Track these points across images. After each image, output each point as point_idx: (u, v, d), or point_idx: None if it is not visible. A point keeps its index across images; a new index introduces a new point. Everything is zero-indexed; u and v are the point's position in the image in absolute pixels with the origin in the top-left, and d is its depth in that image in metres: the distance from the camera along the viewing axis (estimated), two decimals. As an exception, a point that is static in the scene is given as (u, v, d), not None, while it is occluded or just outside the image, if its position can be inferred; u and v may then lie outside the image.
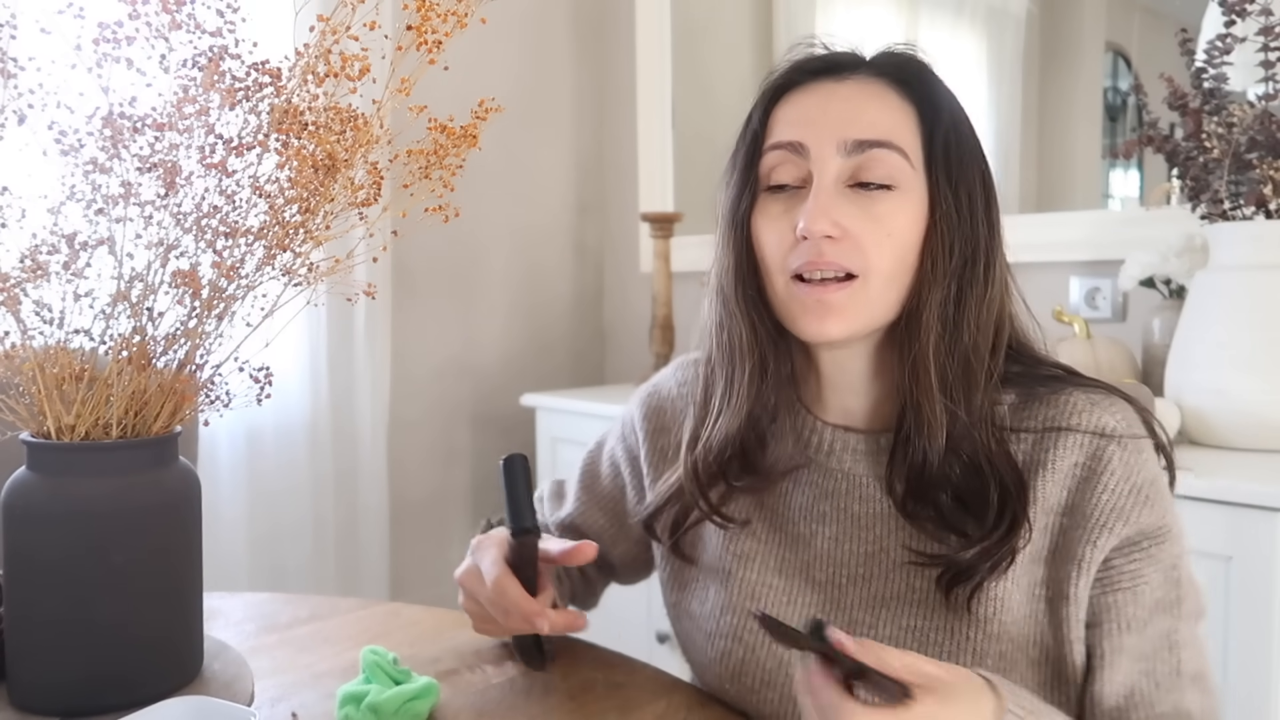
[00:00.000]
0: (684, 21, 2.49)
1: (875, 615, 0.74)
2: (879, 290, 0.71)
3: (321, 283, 0.72)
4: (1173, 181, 1.53)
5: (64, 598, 0.64)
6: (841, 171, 0.71)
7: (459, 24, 0.68)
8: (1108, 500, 0.69)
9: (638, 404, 0.93)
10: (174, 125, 0.64)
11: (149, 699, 0.62)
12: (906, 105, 0.73)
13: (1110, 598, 0.70)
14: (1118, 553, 0.70)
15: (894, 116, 0.72)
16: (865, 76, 0.74)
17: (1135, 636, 0.70)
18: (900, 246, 0.70)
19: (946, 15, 2.13)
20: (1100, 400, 0.72)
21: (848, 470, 0.77)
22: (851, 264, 0.70)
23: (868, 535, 0.75)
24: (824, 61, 0.75)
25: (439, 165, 0.71)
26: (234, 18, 0.65)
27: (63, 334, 0.66)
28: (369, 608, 1.03)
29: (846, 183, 0.71)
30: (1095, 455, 0.70)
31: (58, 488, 0.65)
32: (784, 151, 0.73)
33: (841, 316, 0.70)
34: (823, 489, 0.78)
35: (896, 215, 0.70)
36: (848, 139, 0.70)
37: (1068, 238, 1.75)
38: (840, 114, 0.71)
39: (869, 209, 0.70)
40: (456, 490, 2.44)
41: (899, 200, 0.70)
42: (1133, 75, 1.82)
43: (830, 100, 0.73)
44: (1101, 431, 0.70)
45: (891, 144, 0.70)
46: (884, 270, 0.70)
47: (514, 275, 2.52)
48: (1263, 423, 1.29)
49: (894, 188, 0.70)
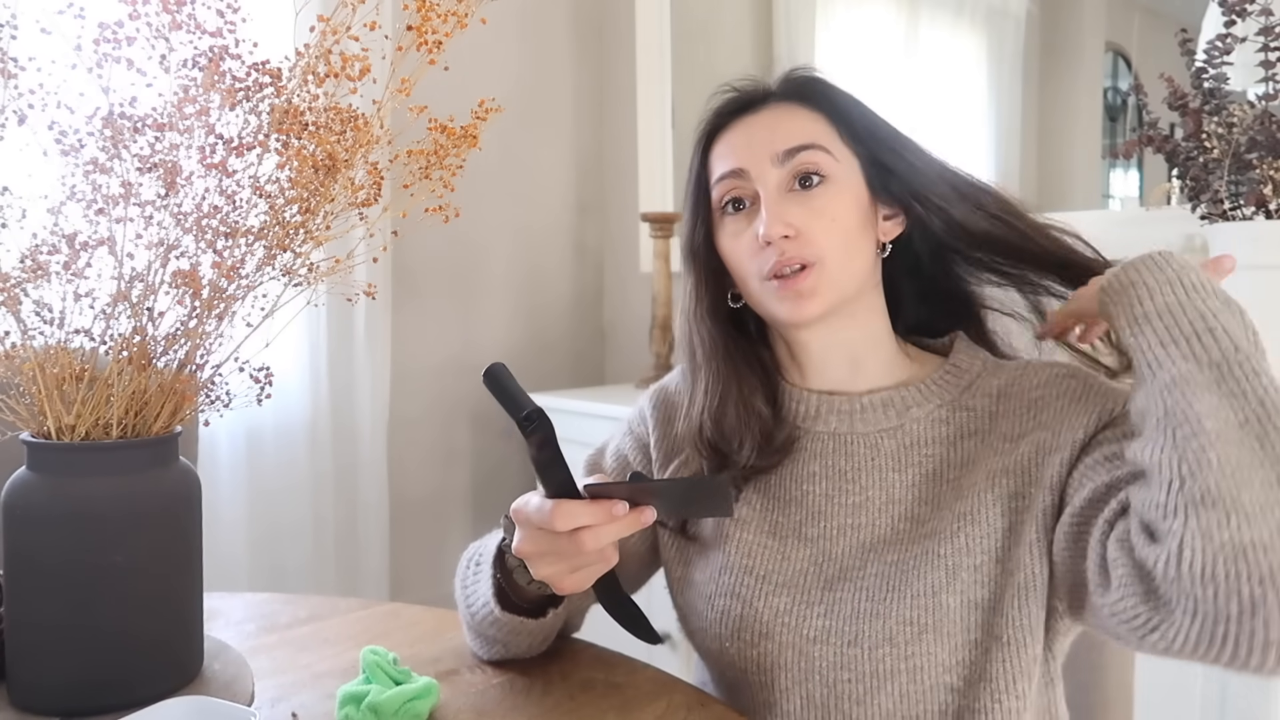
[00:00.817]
0: (684, 21, 2.49)
1: (863, 560, 0.80)
2: (838, 267, 0.81)
3: (321, 283, 0.72)
4: (1173, 181, 1.53)
5: (64, 598, 0.64)
6: (781, 180, 0.82)
7: (459, 24, 0.68)
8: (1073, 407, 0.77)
9: (647, 399, 0.98)
10: (174, 125, 0.64)
11: (149, 699, 0.62)
12: (814, 113, 0.85)
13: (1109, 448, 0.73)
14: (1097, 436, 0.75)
15: (807, 125, 0.84)
16: (774, 103, 0.86)
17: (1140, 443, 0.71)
18: (845, 228, 0.82)
19: (946, 15, 2.13)
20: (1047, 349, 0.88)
21: (833, 430, 0.85)
22: (807, 255, 0.80)
23: (853, 487, 0.83)
24: (737, 102, 0.88)
25: (439, 165, 0.71)
26: (234, 18, 0.65)
27: (63, 334, 0.66)
28: (369, 608, 1.03)
29: (788, 188, 0.82)
30: (1051, 382, 0.80)
31: (58, 488, 0.65)
32: (730, 180, 0.84)
33: (813, 297, 0.81)
34: (811, 451, 0.86)
35: (834, 202, 0.82)
36: (777, 151, 0.82)
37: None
38: (764, 136, 0.84)
39: (810, 204, 0.81)
40: (456, 490, 2.44)
41: (834, 189, 0.82)
42: (1133, 75, 1.82)
43: (753, 129, 0.85)
44: (1055, 368, 0.81)
45: (812, 144, 0.82)
46: (835, 250, 0.81)
47: (514, 275, 2.52)
48: (1263, 423, 1.29)
49: (826, 178, 0.82)
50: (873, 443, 0.84)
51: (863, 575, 0.79)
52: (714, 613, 0.83)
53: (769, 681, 0.80)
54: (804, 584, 0.81)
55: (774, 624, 0.80)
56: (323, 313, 2.06)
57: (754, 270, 0.82)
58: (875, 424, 0.84)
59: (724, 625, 0.82)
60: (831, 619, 0.78)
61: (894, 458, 0.83)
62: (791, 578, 0.81)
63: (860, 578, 0.79)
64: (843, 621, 0.78)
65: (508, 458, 2.50)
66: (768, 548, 0.84)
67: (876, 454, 0.83)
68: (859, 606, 0.78)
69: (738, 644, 0.81)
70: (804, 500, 0.84)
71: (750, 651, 0.81)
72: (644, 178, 2.54)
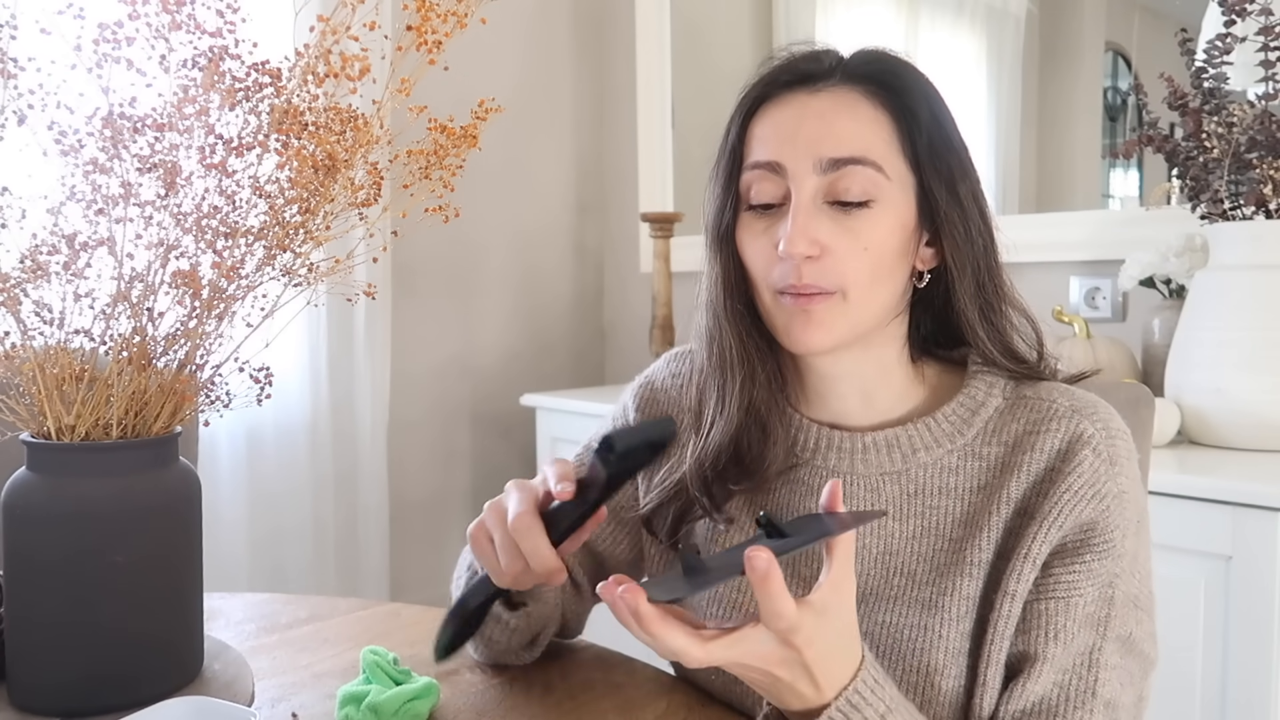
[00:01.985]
0: (684, 21, 2.49)
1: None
2: (859, 301, 0.72)
3: (321, 283, 0.72)
4: (1173, 181, 1.53)
5: (64, 598, 0.64)
6: (818, 189, 0.72)
7: (459, 24, 0.68)
8: (1066, 499, 0.70)
9: (631, 395, 0.93)
10: (174, 125, 0.64)
11: (149, 699, 0.62)
12: (880, 114, 0.73)
13: (1043, 604, 0.70)
14: (1058, 558, 0.70)
15: (868, 129, 0.72)
16: (838, 86, 0.74)
17: (1060, 648, 0.70)
18: (877, 257, 0.72)
19: (946, 15, 2.13)
20: (1081, 406, 0.73)
21: (832, 468, 0.78)
22: (828, 283, 0.71)
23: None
24: (796, 73, 0.75)
25: (439, 165, 0.71)
26: (234, 18, 0.65)
27: (63, 334, 0.66)
28: (369, 608, 1.03)
29: (824, 199, 0.72)
30: (1065, 458, 0.71)
31: (58, 488, 0.65)
32: (762, 170, 0.74)
33: (823, 328, 0.72)
34: (809, 485, 0.79)
35: (874, 229, 0.71)
36: (823, 157, 0.71)
37: (1068, 238, 1.75)
38: (814, 131, 0.72)
39: (846, 224, 0.71)
40: (456, 490, 2.44)
41: (876, 214, 0.71)
42: (1133, 75, 1.82)
43: (804, 116, 0.73)
44: (1078, 437, 0.71)
45: (865, 159, 0.71)
46: (861, 282, 0.72)
47: (514, 275, 2.52)
48: (1263, 423, 1.29)
49: (870, 203, 0.71)
50: (873, 486, 0.76)
51: None
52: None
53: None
54: None
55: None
56: (323, 313, 2.06)
57: (765, 279, 0.74)
58: (878, 466, 0.76)
59: None
60: None
61: (895, 505, 0.75)
62: None
63: None
64: None
65: (508, 459, 2.50)
66: None
67: (876, 499, 0.76)
68: None
69: (723, 678, 0.79)
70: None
71: (734, 687, 0.78)
72: (644, 178, 2.54)
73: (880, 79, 0.73)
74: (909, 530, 0.75)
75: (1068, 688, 0.70)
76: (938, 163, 0.73)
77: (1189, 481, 1.17)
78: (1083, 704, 0.69)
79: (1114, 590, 0.71)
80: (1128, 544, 0.71)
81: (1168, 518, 1.17)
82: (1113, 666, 0.70)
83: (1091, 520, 0.70)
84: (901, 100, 0.73)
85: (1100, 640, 0.70)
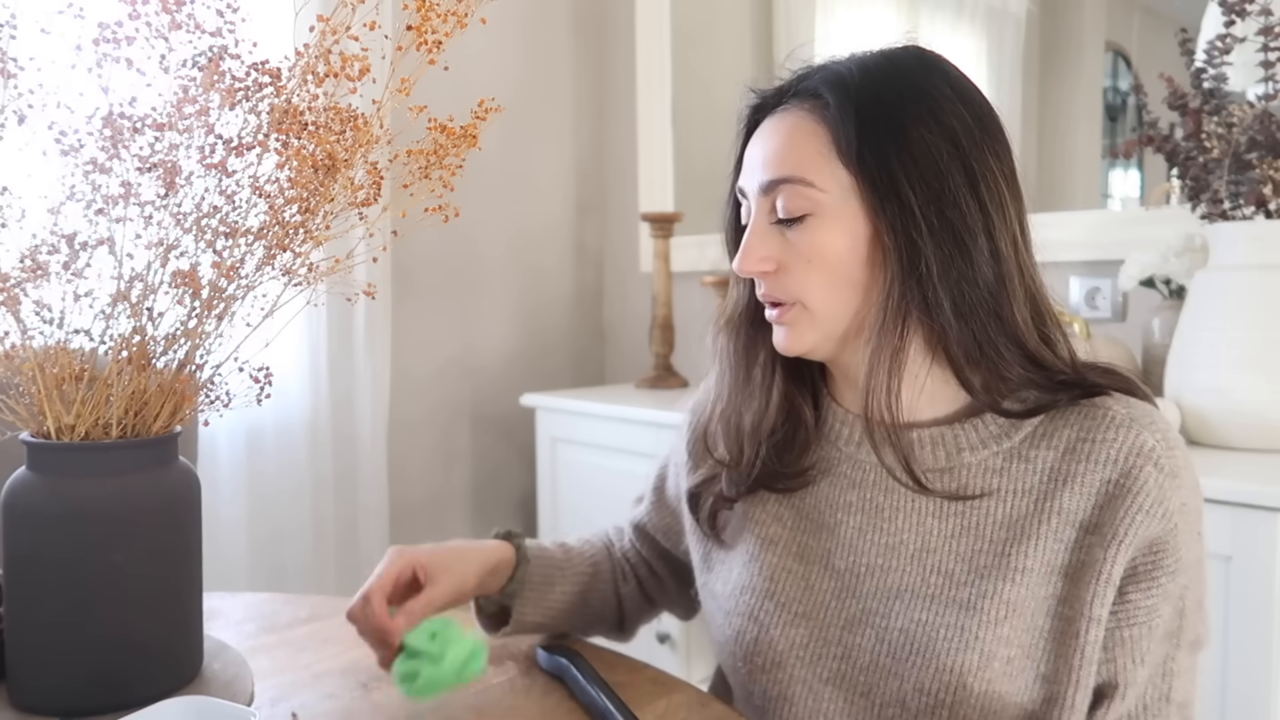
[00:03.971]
0: (684, 22, 2.49)
1: (888, 606, 0.75)
2: (819, 307, 0.74)
3: (321, 283, 0.72)
4: (1173, 181, 1.53)
5: (64, 598, 0.64)
6: (764, 209, 0.76)
7: (459, 24, 0.68)
8: (1137, 519, 0.69)
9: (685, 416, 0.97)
10: (174, 125, 0.64)
11: (149, 699, 0.62)
12: (819, 126, 0.73)
13: (1126, 632, 0.71)
14: (1132, 582, 0.71)
15: (800, 145, 0.73)
16: (789, 107, 0.76)
17: (1145, 670, 0.71)
18: (829, 266, 0.73)
19: (946, 15, 2.13)
20: (1139, 416, 0.72)
21: (875, 462, 0.78)
22: (784, 295, 0.75)
23: (889, 527, 0.77)
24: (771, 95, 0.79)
25: (439, 165, 0.71)
26: (234, 18, 0.65)
27: (63, 334, 0.66)
28: (369, 608, 1.03)
29: (771, 220, 0.75)
30: (1128, 474, 0.70)
31: (58, 488, 0.65)
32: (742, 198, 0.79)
33: (793, 334, 0.76)
34: (850, 479, 0.80)
35: (814, 240, 0.73)
36: (763, 180, 0.75)
37: (1068, 238, 1.75)
38: (759, 156, 0.76)
39: (790, 239, 0.74)
40: (456, 491, 2.44)
41: (813, 226, 0.73)
42: (1133, 75, 1.82)
43: (756, 142, 0.77)
44: (1139, 450, 0.70)
45: (790, 178, 0.73)
46: (814, 291, 0.74)
47: (514, 275, 2.52)
48: (1263, 423, 1.29)
49: (807, 216, 0.73)
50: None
51: (886, 624, 0.75)
52: (730, 630, 0.82)
53: (773, 710, 0.79)
54: (824, 618, 0.78)
55: (789, 656, 0.78)
56: (323, 313, 2.06)
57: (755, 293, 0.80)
58: (922, 463, 0.76)
59: (738, 645, 0.81)
60: (848, 665, 0.76)
61: (935, 503, 0.76)
62: (812, 609, 0.78)
63: (883, 626, 0.75)
64: (858, 670, 0.75)
65: (508, 459, 2.50)
66: (792, 572, 0.80)
67: (918, 496, 0.76)
68: (878, 659, 0.74)
69: (749, 667, 0.80)
70: (836, 529, 0.79)
71: (760, 677, 0.79)
72: (644, 178, 2.54)
73: (814, 92, 0.74)
74: (948, 529, 0.75)
75: (1145, 698, 0.72)
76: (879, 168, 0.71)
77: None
78: (1159, 712, 0.72)
79: (1185, 602, 0.72)
80: (1192, 554, 0.72)
81: (1168, 518, 1.17)
82: (1184, 670, 0.72)
83: (1160, 539, 0.70)
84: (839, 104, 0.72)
85: (1174, 650, 0.72)
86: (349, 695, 0.80)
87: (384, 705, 0.79)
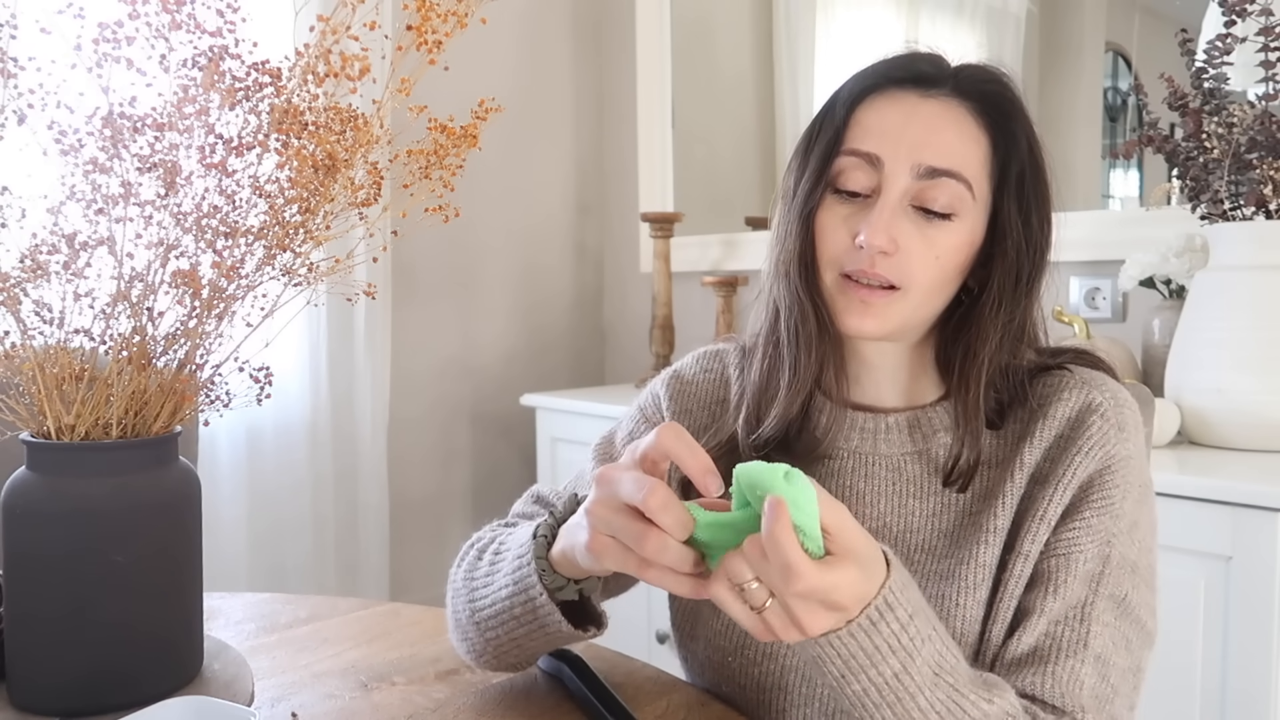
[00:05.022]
0: (684, 22, 2.49)
1: None
2: (917, 302, 0.75)
3: (321, 283, 0.72)
4: (1173, 181, 1.53)
5: (64, 598, 0.64)
6: (908, 191, 0.74)
7: (459, 24, 0.68)
8: (1077, 461, 0.73)
9: (660, 382, 0.93)
10: (174, 125, 0.64)
11: (149, 699, 0.62)
12: (982, 135, 0.76)
13: (1046, 561, 0.73)
14: (1065, 518, 0.73)
15: (968, 146, 0.75)
16: (949, 97, 0.76)
17: (1058, 602, 0.72)
18: (945, 268, 0.75)
19: (946, 15, 2.13)
20: (1092, 379, 0.77)
21: (854, 449, 0.81)
22: (895, 278, 0.74)
23: (871, 511, 0.79)
24: (911, 71, 0.77)
25: (439, 165, 0.71)
26: (234, 18, 0.65)
27: (63, 334, 0.66)
28: (369, 608, 1.03)
29: (911, 202, 0.74)
30: (1076, 426, 0.75)
31: (58, 487, 0.65)
32: (859, 159, 0.75)
33: (879, 318, 0.75)
34: (829, 469, 0.81)
35: (948, 241, 0.74)
36: (921, 163, 0.73)
37: (1068, 238, 1.73)
38: (918, 135, 0.74)
39: (925, 230, 0.74)
40: (456, 490, 2.44)
41: (954, 228, 0.75)
42: (1133, 75, 1.82)
43: (912, 118, 0.75)
44: (1088, 406, 0.75)
45: (960, 175, 0.74)
46: (925, 287, 0.75)
47: (514, 275, 2.52)
48: (1263, 423, 1.29)
49: (953, 217, 0.74)
50: (895, 465, 0.79)
51: None
52: (719, 623, 0.81)
53: (767, 701, 0.79)
54: None
55: (779, 646, 0.78)
56: (323, 313, 2.06)
57: (833, 260, 0.76)
58: (900, 446, 0.80)
59: (728, 639, 0.81)
60: None
61: (915, 484, 0.79)
62: None
63: None
64: None
65: (508, 458, 2.50)
66: None
67: (898, 478, 0.79)
68: None
69: (740, 660, 0.80)
70: None
71: (752, 669, 0.79)
72: (644, 178, 2.54)
73: (990, 99, 0.76)
74: (929, 508, 0.78)
75: (1059, 638, 0.72)
76: (1021, 194, 0.76)
77: (1189, 482, 1.17)
78: (1074, 653, 0.71)
79: (1110, 549, 0.73)
80: (1128, 506, 0.74)
81: (1168, 518, 1.17)
82: (1105, 624, 0.72)
83: (1095, 476, 0.73)
84: (1005, 125, 0.76)
85: (1093, 595, 0.72)
86: (349, 695, 0.80)
87: (384, 705, 0.79)
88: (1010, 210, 0.76)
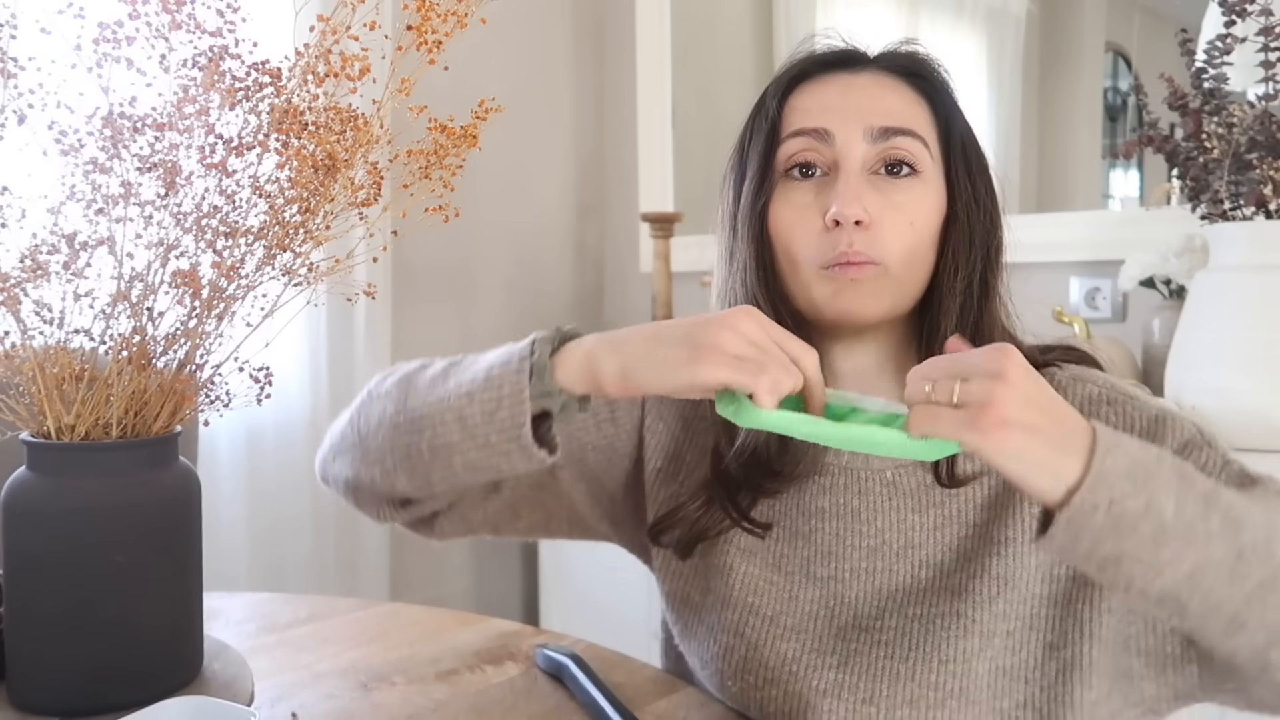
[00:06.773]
0: (684, 21, 2.49)
1: (880, 609, 0.73)
2: (898, 277, 0.73)
3: (321, 283, 0.72)
4: (1173, 181, 1.53)
5: (64, 598, 0.64)
6: (867, 157, 0.73)
7: (459, 24, 0.68)
8: None
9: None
10: (174, 125, 0.64)
11: (149, 699, 0.62)
12: (920, 99, 0.76)
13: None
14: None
15: (912, 108, 0.75)
16: (877, 71, 0.76)
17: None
18: (918, 236, 0.73)
19: (946, 15, 2.13)
20: (1080, 373, 0.75)
21: (844, 464, 0.77)
22: (874, 253, 0.71)
23: (868, 529, 0.75)
24: (838, 55, 0.77)
25: (439, 165, 0.71)
26: (234, 18, 0.65)
27: (63, 334, 0.66)
28: (369, 608, 1.03)
29: (871, 169, 0.73)
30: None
31: (58, 487, 0.65)
32: (807, 139, 0.74)
33: (872, 297, 0.72)
34: (819, 485, 0.77)
35: (919, 204, 0.73)
36: (873, 125, 0.72)
37: (1068, 238, 1.75)
38: (861, 102, 0.74)
39: (892, 196, 0.72)
40: (456, 490, 2.43)
41: (921, 188, 0.73)
42: (1133, 75, 1.82)
43: (849, 89, 0.75)
44: (1089, 399, 0.73)
45: (914, 132, 0.73)
46: (902, 258, 0.72)
47: (514, 275, 2.52)
48: (1263, 423, 1.29)
49: (918, 173, 0.73)
50: (889, 480, 0.75)
51: (880, 627, 0.73)
52: (717, 646, 0.78)
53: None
54: (815, 629, 0.75)
55: (781, 671, 0.74)
56: (323, 313, 2.06)
57: (810, 254, 0.72)
58: (894, 459, 0.75)
59: (726, 662, 0.77)
60: (846, 673, 0.72)
61: (913, 498, 0.74)
62: (801, 621, 0.75)
63: (878, 629, 0.73)
64: (857, 676, 0.72)
65: (508, 458, 2.50)
66: (774, 584, 0.77)
67: (894, 493, 0.75)
68: (877, 663, 0.72)
69: (740, 684, 0.77)
70: (812, 537, 0.76)
71: (754, 694, 0.76)
72: (644, 178, 2.54)
73: (919, 68, 0.77)
74: (930, 521, 0.74)
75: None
76: (968, 155, 0.76)
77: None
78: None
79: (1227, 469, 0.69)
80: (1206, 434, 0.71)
81: (1167, 518, 1.17)
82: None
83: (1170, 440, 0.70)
84: (939, 94, 0.76)
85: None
86: (349, 695, 0.80)
87: (384, 705, 0.79)
88: (959, 171, 0.75)
